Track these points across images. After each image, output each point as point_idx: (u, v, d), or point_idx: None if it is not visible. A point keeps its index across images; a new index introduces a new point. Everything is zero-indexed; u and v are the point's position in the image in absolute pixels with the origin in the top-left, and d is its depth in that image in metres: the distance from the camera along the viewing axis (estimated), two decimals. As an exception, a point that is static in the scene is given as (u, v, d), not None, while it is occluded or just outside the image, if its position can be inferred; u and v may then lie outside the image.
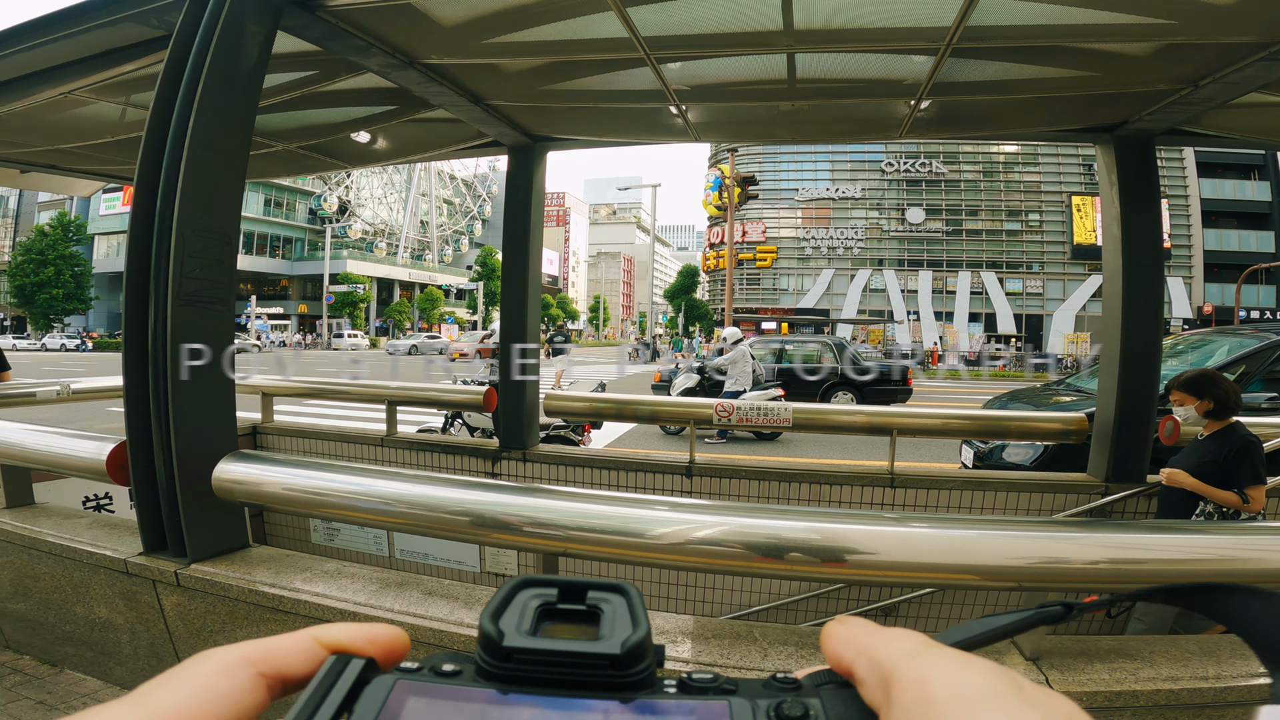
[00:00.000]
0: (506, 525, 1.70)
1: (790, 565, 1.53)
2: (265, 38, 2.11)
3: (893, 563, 1.47)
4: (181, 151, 1.87)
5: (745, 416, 3.72)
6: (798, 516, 1.58)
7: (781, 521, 1.55)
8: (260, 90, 2.12)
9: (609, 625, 0.26)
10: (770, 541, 1.54)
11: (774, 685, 0.25)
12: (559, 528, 1.66)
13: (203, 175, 1.92)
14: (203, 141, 1.89)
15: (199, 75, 1.90)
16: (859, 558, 1.49)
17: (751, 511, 1.60)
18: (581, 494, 1.74)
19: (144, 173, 1.90)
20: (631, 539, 1.60)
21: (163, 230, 1.97)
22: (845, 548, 1.51)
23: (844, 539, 1.51)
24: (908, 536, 1.49)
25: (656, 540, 1.58)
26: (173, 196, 1.93)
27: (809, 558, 1.52)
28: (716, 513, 1.61)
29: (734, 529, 1.55)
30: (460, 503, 1.76)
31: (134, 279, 1.99)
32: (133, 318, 1.99)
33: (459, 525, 1.75)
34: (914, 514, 1.63)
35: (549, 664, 0.24)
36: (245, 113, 2.01)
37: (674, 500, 1.71)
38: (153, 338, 2.00)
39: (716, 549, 1.56)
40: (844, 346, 12.63)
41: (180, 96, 1.86)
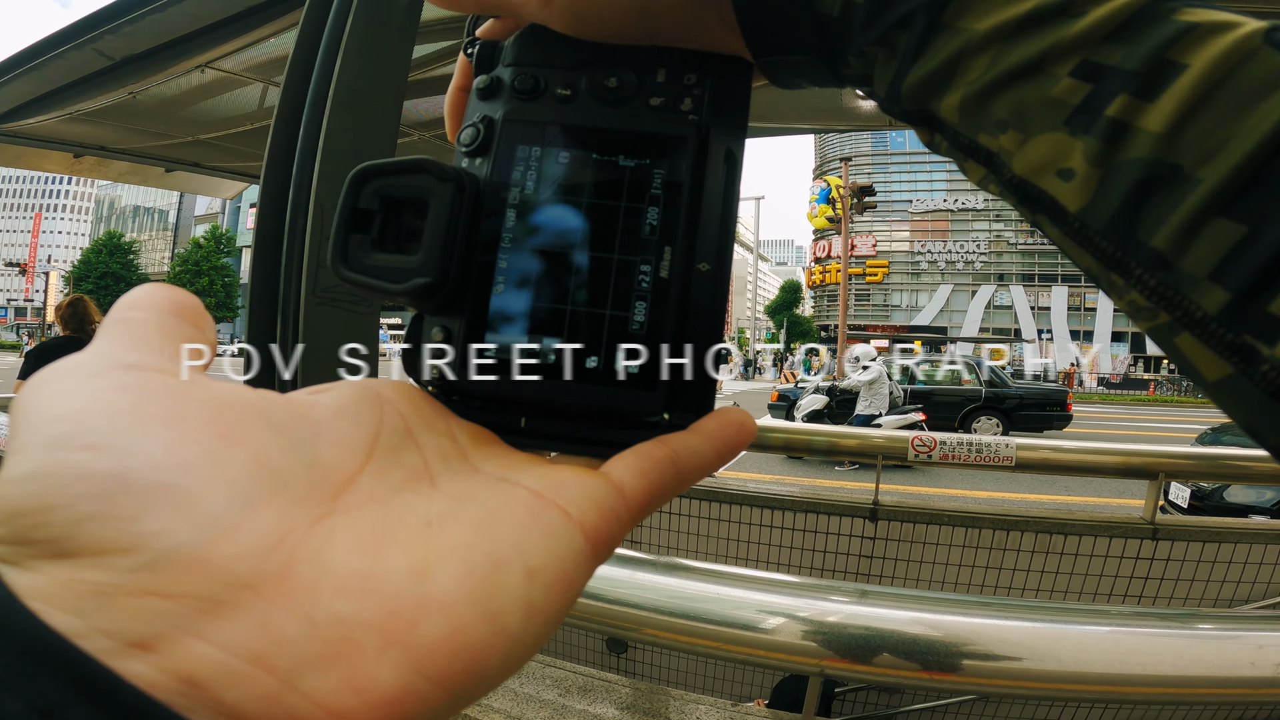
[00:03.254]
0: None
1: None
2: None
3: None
4: (324, 105, 1.49)
5: (952, 453, 3.03)
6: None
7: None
8: (414, 37, 1.72)
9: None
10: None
11: None
12: (607, 600, 1.22)
13: (349, 137, 1.54)
14: (349, 91, 1.50)
15: (347, 9, 1.52)
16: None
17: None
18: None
19: (279, 133, 1.54)
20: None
21: (297, 206, 1.59)
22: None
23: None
24: None
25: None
26: (310, 163, 1.55)
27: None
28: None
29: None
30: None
31: (261, 268, 1.61)
32: (258, 317, 1.61)
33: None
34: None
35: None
36: (398, 60, 1.62)
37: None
38: (281, 339, 1.60)
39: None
40: (987, 366, 11.41)
41: (326, 34, 1.49)
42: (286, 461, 0.17)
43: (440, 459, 0.21)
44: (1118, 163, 0.20)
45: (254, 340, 1.55)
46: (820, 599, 1.17)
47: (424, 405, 0.23)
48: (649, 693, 1.65)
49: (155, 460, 0.15)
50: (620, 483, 0.21)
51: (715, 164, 0.26)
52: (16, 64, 2.73)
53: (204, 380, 0.18)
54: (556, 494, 0.20)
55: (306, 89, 1.53)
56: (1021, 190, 0.23)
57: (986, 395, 10.94)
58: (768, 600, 1.19)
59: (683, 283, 0.24)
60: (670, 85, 0.27)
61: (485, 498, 0.19)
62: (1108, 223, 0.21)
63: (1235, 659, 0.86)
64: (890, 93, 0.25)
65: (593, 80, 0.26)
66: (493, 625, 0.16)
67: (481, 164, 0.26)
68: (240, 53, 2.46)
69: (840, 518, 3.16)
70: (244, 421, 0.17)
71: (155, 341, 0.19)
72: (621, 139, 0.25)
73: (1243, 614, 0.96)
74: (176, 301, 0.20)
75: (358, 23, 1.52)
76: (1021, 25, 0.22)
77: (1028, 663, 1.01)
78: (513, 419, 0.24)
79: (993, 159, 0.24)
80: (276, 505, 0.16)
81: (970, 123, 0.23)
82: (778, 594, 1.20)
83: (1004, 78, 0.22)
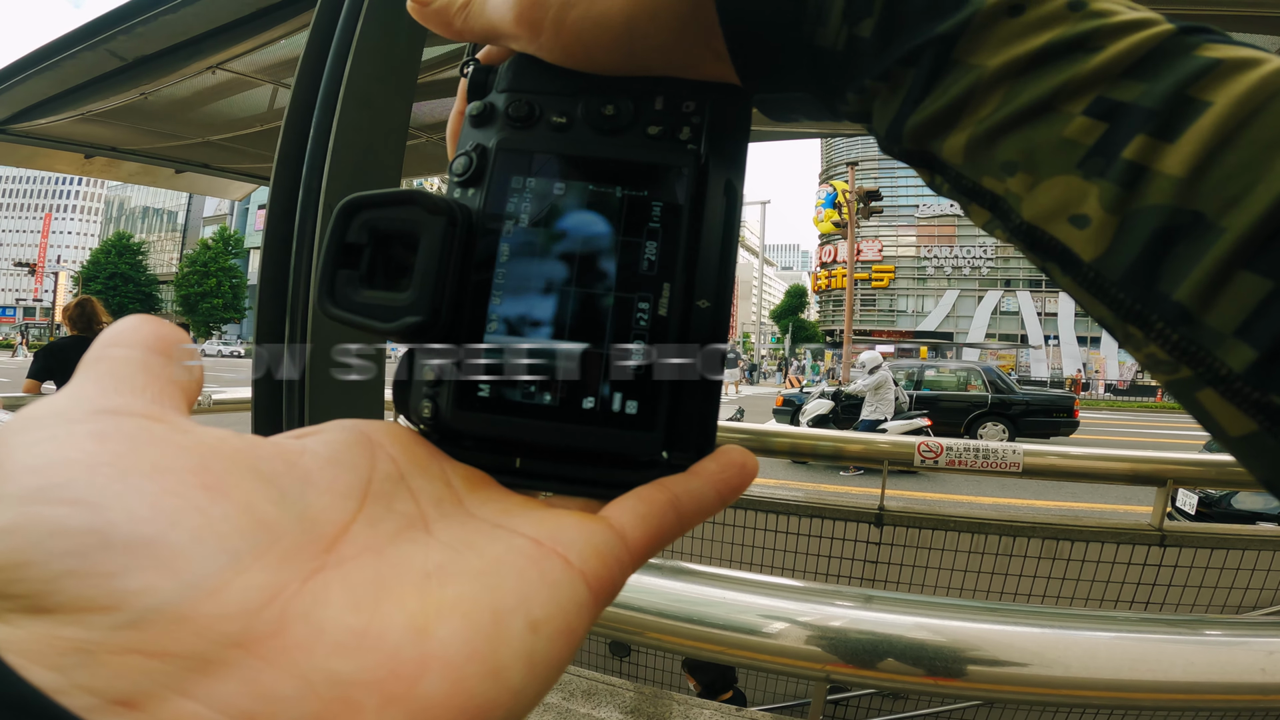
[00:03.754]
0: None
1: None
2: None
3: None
4: (334, 105, 1.49)
5: (959, 458, 3.02)
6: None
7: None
8: (424, 40, 1.72)
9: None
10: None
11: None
12: (616, 605, 1.14)
13: (359, 137, 1.53)
14: (359, 93, 1.50)
15: (357, 13, 1.53)
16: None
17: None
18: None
19: (289, 134, 1.54)
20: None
21: (306, 206, 1.59)
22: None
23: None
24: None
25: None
26: (320, 164, 1.55)
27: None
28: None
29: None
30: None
31: (271, 269, 1.61)
32: (267, 318, 1.61)
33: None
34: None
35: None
36: (408, 61, 1.62)
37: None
38: (289, 341, 1.60)
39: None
40: (994, 372, 11.36)
41: (337, 34, 1.50)
42: (276, 513, 0.17)
43: (435, 505, 0.21)
44: (1136, 209, 0.19)
45: (263, 341, 1.55)
46: (825, 604, 1.17)
47: (416, 448, 0.22)
48: (653, 697, 1.64)
49: (136, 514, 0.14)
50: (621, 528, 0.21)
51: (715, 196, 0.25)
52: (30, 64, 2.75)
53: (188, 426, 0.17)
54: (557, 542, 0.19)
55: (317, 90, 1.54)
56: (1030, 237, 0.22)
57: (993, 401, 10.89)
58: (772, 605, 1.19)
59: (682, 320, 0.23)
60: (668, 113, 0.26)
61: (484, 547, 0.19)
62: (1125, 273, 0.19)
63: (1245, 665, 0.85)
64: (891, 131, 0.24)
65: (589, 108, 0.26)
66: (496, 681, 0.16)
67: (474, 195, 0.25)
68: (251, 54, 2.47)
69: (845, 523, 3.15)
70: (231, 471, 0.16)
71: (138, 381, 0.18)
72: (618, 169, 0.25)
73: (1252, 620, 0.95)
74: (161, 337, 0.19)
75: (368, 24, 1.52)
76: (1035, 61, 0.21)
77: (1033, 668, 0.99)
78: (507, 459, 0.23)
79: (999, 203, 0.22)
80: (267, 560, 0.15)
81: (975, 165, 0.22)
82: (782, 598, 1.20)
83: (1014, 117, 0.21)
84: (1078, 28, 0.21)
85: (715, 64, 0.26)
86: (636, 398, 0.23)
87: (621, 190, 0.24)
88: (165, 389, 0.18)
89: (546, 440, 0.23)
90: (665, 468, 0.23)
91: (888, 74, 0.23)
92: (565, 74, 0.27)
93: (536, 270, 0.24)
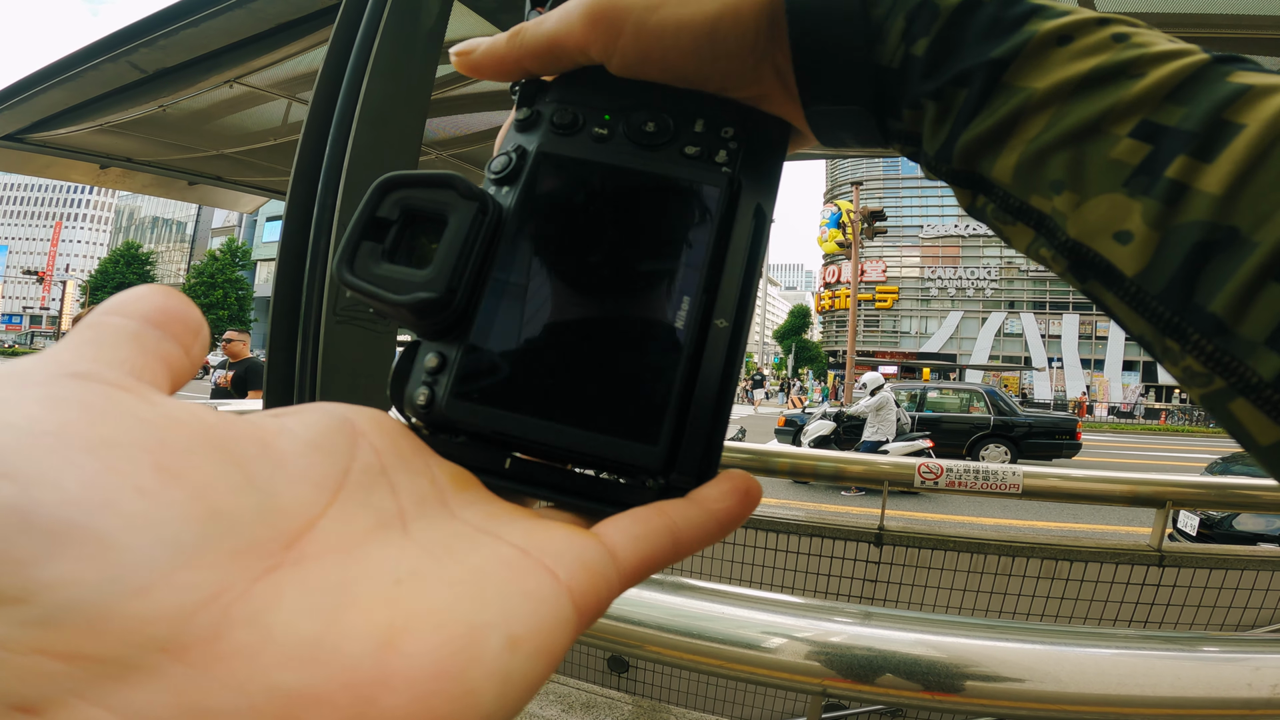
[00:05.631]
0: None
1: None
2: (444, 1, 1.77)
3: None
4: (350, 123, 1.53)
5: (959, 480, 3.02)
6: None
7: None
8: (438, 58, 1.77)
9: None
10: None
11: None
12: (611, 617, 1.17)
13: (372, 154, 1.57)
14: (375, 112, 1.54)
15: (375, 30, 1.57)
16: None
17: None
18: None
19: (305, 150, 1.57)
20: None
21: (321, 224, 1.62)
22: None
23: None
24: None
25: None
26: (335, 181, 1.59)
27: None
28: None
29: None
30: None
31: (284, 284, 1.64)
32: (279, 333, 1.64)
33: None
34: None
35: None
36: (422, 79, 1.67)
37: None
38: (301, 355, 1.63)
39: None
40: (996, 394, 11.35)
41: (354, 53, 1.53)
42: (235, 501, 0.15)
43: (416, 502, 0.19)
44: (1176, 225, 0.20)
45: (275, 356, 1.58)
46: (824, 619, 1.18)
47: (401, 440, 0.21)
48: (651, 710, 1.65)
49: (68, 494, 0.12)
50: (613, 547, 0.20)
51: (744, 219, 0.25)
52: (50, 75, 2.80)
53: (158, 399, 0.15)
54: (544, 553, 0.18)
55: (334, 106, 1.58)
56: (1075, 254, 0.22)
57: (995, 423, 10.86)
58: (771, 620, 1.19)
59: (697, 336, 0.23)
60: (707, 135, 0.26)
61: (464, 553, 0.17)
62: (1165, 287, 0.20)
63: (1233, 680, 0.86)
64: (941, 151, 0.25)
65: (630, 122, 0.26)
66: (466, 702, 0.15)
67: (508, 193, 0.25)
68: (268, 69, 2.51)
69: (845, 542, 3.14)
70: (192, 450, 0.15)
71: (122, 352, 0.16)
72: (652, 183, 0.25)
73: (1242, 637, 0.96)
74: (165, 309, 0.18)
75: (385, 42, 1.56)
76: (1082, 85, 0.22)
77: (1030, 684, 1.00)
78: (498, 458, 0.23)
79: (1044, 222, 0.23)
80: (213, 555, 0.14)
81: (1024, 184, 0.23)
82: (781, 614, 1.20)
83: (1063, 137, 0.22)
84: (1122, 55, 0.22)
85: (773, 81, 0.27)
86: (641, 408, 0.22)
87: (651, 203, 0.25)
88: (150, 363, 0.17)
89: (543, 439, 0.22)
90: (664, 489, 0.22)
91: (940, 93, 0.24)
92: (612, 89, 0.27)
93: (556, 271, 0.24)
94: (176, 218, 76.19)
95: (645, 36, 0.26)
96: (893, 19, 0.25)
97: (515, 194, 0.25)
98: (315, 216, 1.56)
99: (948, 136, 0.24)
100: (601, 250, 0.24)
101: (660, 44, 0.26)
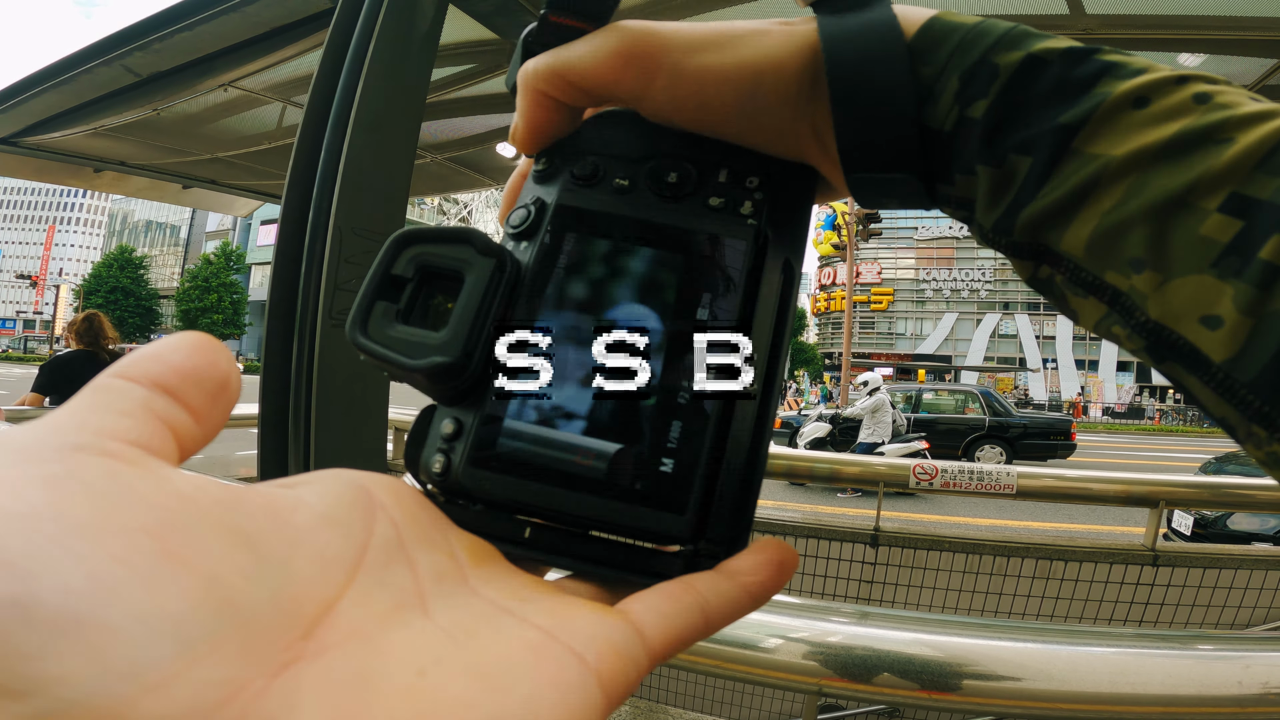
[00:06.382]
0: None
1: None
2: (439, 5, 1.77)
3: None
4: (345, 127, 1.53)
5: (954, 481, 3.03)
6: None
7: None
8: (433, 61, 1.77)
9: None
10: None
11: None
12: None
13: (367, 158, 1.58)
14: (370, 116, 1.55)
15: (369, 34, 1.57)
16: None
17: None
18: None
19: (301, 155, 1.58)
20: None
21: (316, 228, 1.63)
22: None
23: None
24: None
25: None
26: (331, 185, 1.59)
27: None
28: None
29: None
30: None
31: (280, 289, 1.65)
32: (275, 337, 1.64)
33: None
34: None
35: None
36: (416, 84, 1.67)
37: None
38: (296, 360, 1.63)
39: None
40: (991, 395, 11.38)
41: (349, 57, 1.54)
42: (248, 588, 0.14)
43: (435, 580, 0.18)
44: (1272, 311, 0.18)
45: (271, 360, 1.58)
46: (821, 619, 1.18)
47: (420, 512, 0.20)
48: (648, 710, 1.65)
49: (69, 585, 0.12)
50: (641, 626, 0.18)
51: (772, 274, 0.24)
52: (44, 78, 2.79)
53: (164, 473, 0.15)
54: (570, 635, 0.17)
55: (329, 110, 1.58)
56: (1156, 335, 0.20)
57: (990, 424, 10.90)
58: (768, 620, 1.19)
59: (725, 402, 0.22)
60: (732, 186, 0.25)
61: (488, 637, 0.17)
62: (1256, 375, 0.18)
63: (1223, 678, 0.88)
64: (1001, 222, 0.23)
65: (653, 173, 0.25)
66: None
67: (527, 248, 0.24)
68: (262, 73, 2.51)
69: (842, 543, 3.15)
70: (201, 533, 0.14)
71: (128, 421, 0.15)
72: (675, 237, 0.24)
73: (1234, 635, 0.97)
74: (181, 370, 0.17)
75: (380, 46, 1.57)
76: (1164, 152, 0.20)
77: (1027, 683, 1.01)
78: (518, 528, 0.22)
79: (1120, 299, 0.21)
80: (228, 649, 0.13)
81: (1098, 258, 0.21)
82: (778, 614, 1.20)
83: (1144, 211, 0.20)
84: (1206, 119, 0.20)
85: (811, 140, 0.26)
86: (668, 477, 0.21)
87: (675, 258, 0.23)
88: (156, 431, 0.16)
89: (564, 508, 0.21)
90: (692, 557, 0.21)
91: (1001, 160, 0.22)
92: (632, 138, 0.26)
93: (578, 330, 0.22)
94: (170, 221, 75.95)
95: (682, 82, 0.25)
96: (946, 79, 0.23)
97: (534, 249, 0.24)
98: (311, 220, 1.56)
99: (1009, 206, 0.23)
100: (621, 308, 0.23)
101: (697, 92, 0.25)
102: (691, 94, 0.25)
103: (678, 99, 0.25)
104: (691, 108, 0.25)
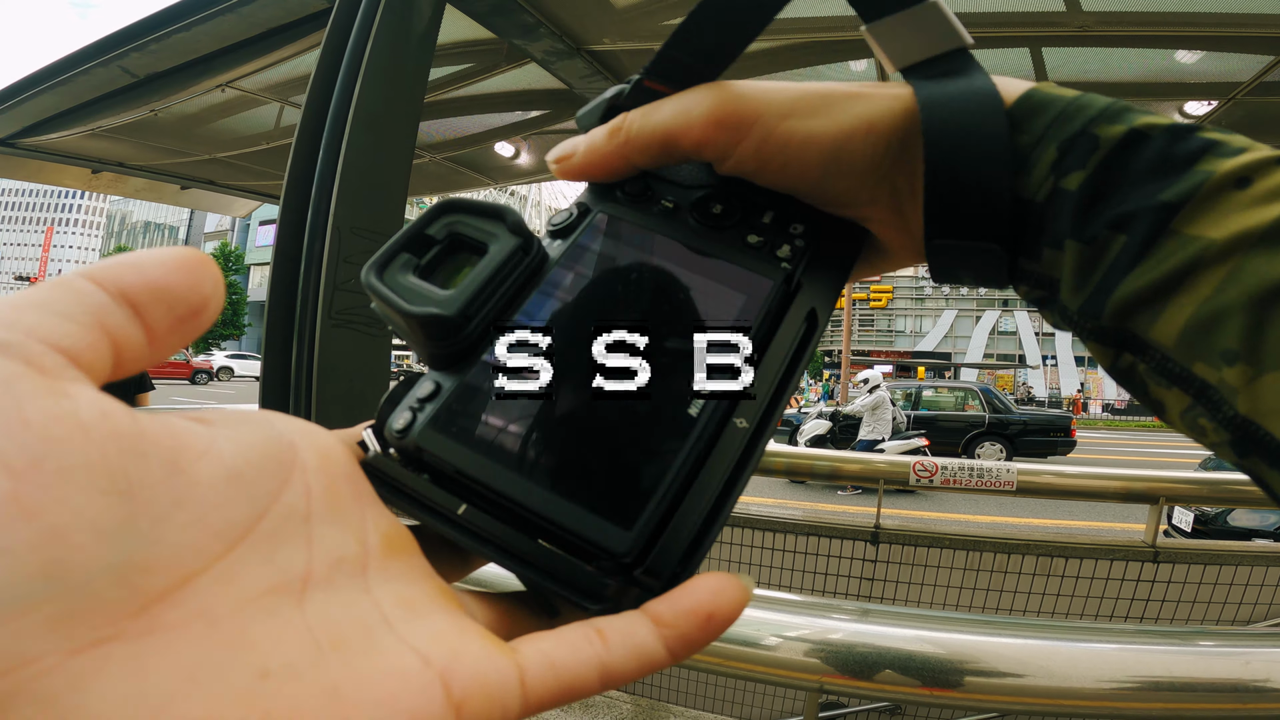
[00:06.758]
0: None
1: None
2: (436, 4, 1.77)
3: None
4: (344, 126, 1.53)
5: (953, 477, 3.04)
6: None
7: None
8: (431, 61, 1.77)
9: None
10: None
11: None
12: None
13: (366, 158, 1.58)
14: (368, 115, 1.54)
15: (367, 33, 1.57)
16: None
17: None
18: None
19: (299, 155, 1.57)
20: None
21: (315, 228, 1.62)
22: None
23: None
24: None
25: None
26: (330, 184, 1.59)
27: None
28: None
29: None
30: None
31: (280, 289, 1.64)
32: (275, 336, 1.64)
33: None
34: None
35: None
36: (414, 83, 1.67)
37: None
38: (296, 360, 1.63)
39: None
40: (991, 392, 11.39)
41: (347, 56, 1.53)
42: (93, 549, 0.12)
43: (329, 566, 0.16)
44: None
45: (270, 359, 1.58)
46: (822, 617, 1.18)
47: (344, 484, 0.18)
48: (650, 709, 1.65)
49: None
50: (526, 672, 0.17)
51: (794, 320, 0.24)
52: (41, 79, 2.79)
53: (71, 391, 0.13)
54: (446, 665, 0.16)
55: (327, 110, 1.58)
56: (1243, 430, 0.19)
57: (990, 421, 10.90)
58: (770, 618, 1.19)
59: (712, 433, 0.21)
60: (774, 229, 0.26)
61: (356, 648, 0.15)
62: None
63: (1224, 674, 0.88)
64: (1089, 304, 0.22)
65: (699, 201, 0.26)
66: None
67: (560, 246, 0.24)
68: (260, 73, 2.51)
69: (842, 541, 3.16)
70: (71, 476, 0.12)
71: (68, 325, 0.14)
72: (704, 263, 0.24)
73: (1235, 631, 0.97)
74: (155, 285, 0.15)
75: (378, 45, 1.57)
76: (1265, 238, 0.19)
77: (1027, 679, 1.01)
78: (453, 504, 0.20)
79: (1207, 392, 0.20)
80: (32, 617, 0.11)
81: (1189, 349, 0.20)
82: (780, 612, 1.20)
83: (1243, 300, 0.19)
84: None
85: (887, 201, 0.25)
86: (626, 488, 0.20)
87: (699, 283, 0.24)
88: (95, 343, 0.14)
89: (507, 491, 0.20)
90: (623, 587, 0.19)
91: (1094, 236, 0.21)
92: (694, 167, 0.27)
93: (581, 330, 0.22)
94: (169, 222, 75.86)
95: (770, 145, 0.24)
96: (1043, 148, 0.22)
97: (565, 247, 0.24)
98: (310, 220, 1.56)
99: (1097, 287, 0.21)
100: (634, 318, 0.23)
101: (783, 154, 0.24)
102: (777, 157, 0.25)
103: (763, 159, 0.25)
104: (775, 169, 0.25)
